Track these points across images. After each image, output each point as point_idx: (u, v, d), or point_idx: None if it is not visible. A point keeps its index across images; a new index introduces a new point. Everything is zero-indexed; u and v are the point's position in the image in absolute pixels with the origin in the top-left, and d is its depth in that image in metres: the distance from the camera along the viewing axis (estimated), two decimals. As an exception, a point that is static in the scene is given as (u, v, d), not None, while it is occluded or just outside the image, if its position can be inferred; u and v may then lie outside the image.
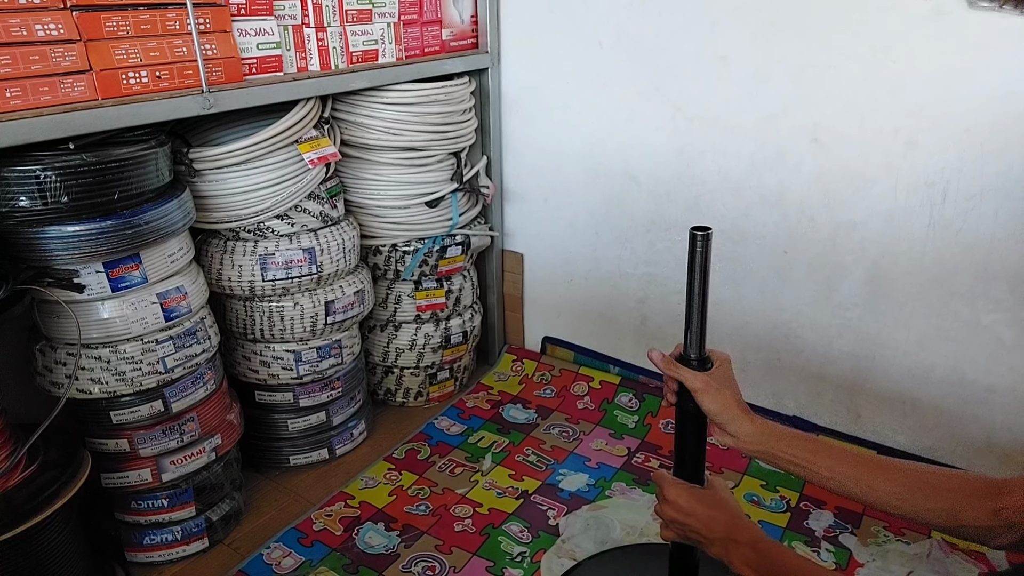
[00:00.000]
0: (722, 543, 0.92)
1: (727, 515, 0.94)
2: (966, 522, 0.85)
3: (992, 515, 0.83)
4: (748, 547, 0.90)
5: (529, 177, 1.98)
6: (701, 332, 0.97)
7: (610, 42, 1.70)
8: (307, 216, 1.54)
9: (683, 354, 0.99)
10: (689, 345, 0.98)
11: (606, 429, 1.83)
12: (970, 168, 1.37)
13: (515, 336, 2.18)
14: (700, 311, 0.95)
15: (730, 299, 1.72)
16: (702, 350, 0.98)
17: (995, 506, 0.83)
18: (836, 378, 1.66)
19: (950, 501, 0.86)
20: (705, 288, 0.94)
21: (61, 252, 1.15)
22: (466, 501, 1.59)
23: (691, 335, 0.97)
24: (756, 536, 0.90)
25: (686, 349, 0.98)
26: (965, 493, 0.86)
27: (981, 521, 0.84)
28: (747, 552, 0.89)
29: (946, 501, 0.86)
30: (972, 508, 0.85)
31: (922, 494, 0.87)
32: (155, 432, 1.34)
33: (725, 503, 0.96)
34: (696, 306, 0.95)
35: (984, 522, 0.84)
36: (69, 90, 1.11)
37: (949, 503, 0.86)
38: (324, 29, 1.48)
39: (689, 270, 0.94)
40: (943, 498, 0.87)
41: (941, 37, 1.32)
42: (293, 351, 1.60)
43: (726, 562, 0.92)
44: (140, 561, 1.43)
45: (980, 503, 0.84)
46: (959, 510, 0.85)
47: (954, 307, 1.47)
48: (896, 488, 0.89)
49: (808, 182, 1.55)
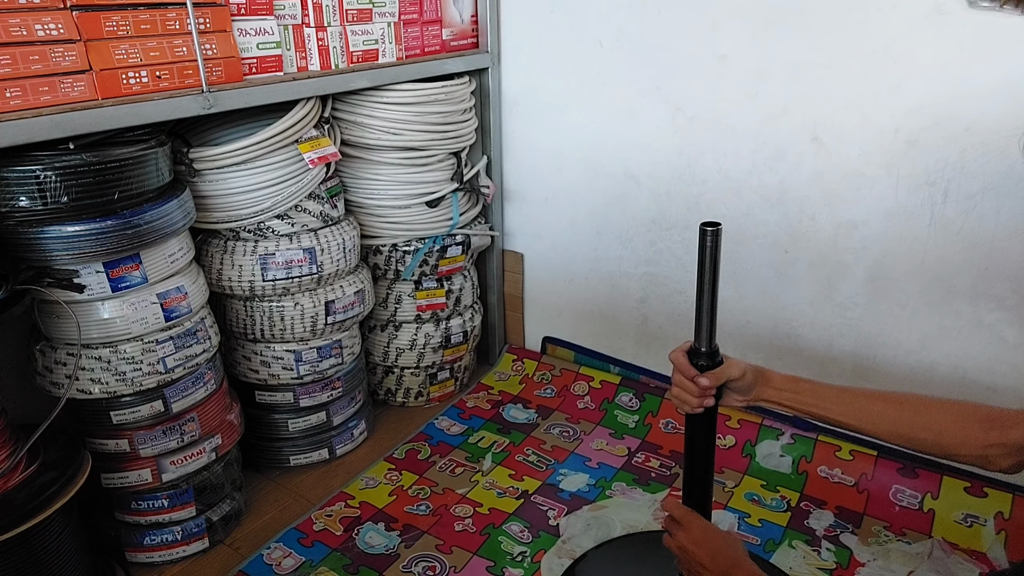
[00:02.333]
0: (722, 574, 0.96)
1: (733, 552, 0.98)
2: (958, 452, 0.90)
3: (985, 448, 0.88)
4: None
5: (529, 177, 1.98)
6: (711, 325, 1.00)
7: (610, 41, 1.70)
8: (307, 216, 1.54)
9: (694, 348, 1.02)
10: (700, 338, 1.01)
11: (606, 429, 1.83)
12: (971, 167, 1.36)
13: (515, 336, 2.18)
14: (710, 305, 0.98)
15: (731, 298, 1.72)
16: (712, 342, 1.01)
17: (989, 440, 0.88)
18: (838, 378, 1.65)
19: (940, 431, 0.91)
20: (715, 283, 0.97)
21: (61, 252, 1.15)
22: (466, 501, 1.59)
23: (702, 329, 1.00)
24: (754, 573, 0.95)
25: (697, 342, 1.01)
26: (957, 425, 0.91)
27: (974, 451, 0.89)
28: None
29: (936, 432, 0.91)
30: (964, 440, 0.90)
31: (912, 425, 0.93)
32: (155, 432, 1.34)
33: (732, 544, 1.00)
34: (706, 300, 0.98)
35: (977, 452, 0.89)
36: (69, 90, 1.11)
37: (939, 434, 0.91)
38: (324, 29, 1.48)
39: (699, 265, 0.97)
40: (933, 429, 0.92)
41: (941, 36, 1.32)
42: (293, 351, 1.60)
43: None
44: (140, 561, 1.43)
45: (973, 435, 0.89)
46: (950, 441, 0.90)
47: (956, 306, 1.46)
48: (886, 420, 0.94)
49: (809, 181, 1.54)
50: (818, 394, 1.00)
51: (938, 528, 1.45)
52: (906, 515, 1.48)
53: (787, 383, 1.03)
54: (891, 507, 1.50)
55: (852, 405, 0.98)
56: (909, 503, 1.50)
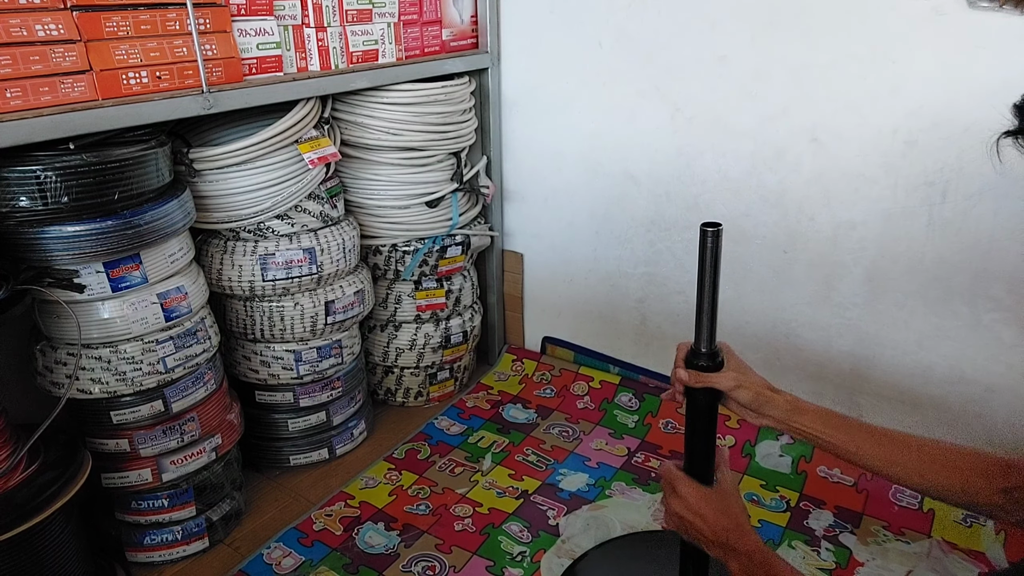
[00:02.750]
0: (722, 547, 0.95)
1: (731, 522, 0.96)
2: (979, 500, 0.89)
3: (1003, 493, 0.87)
4: (745, 556, 0.92)
5: (529, 177, 1.98)
6: (711, 326, 0.99)
7: (610, 42, 1.70)
8: (307, 216, 1.54)
9: (693, 348, 1.01)
10: (700, 339, 1.00)
11: (606, 429, 1.83)
12: (969, 168, 1.37)
13: (515, 336, 2.18)
14: (711, 305, 0.98)
15: (730, 299, 1.72)
16: (712, 343, 1.00)
17: (1006, 484, 0.87)
18: (836, 377, 1.66)
19: (963, 478, 0.90)
20: (716, 283, 0.97)
21: (61, 252, 1.15)
22: (466, 501, 1.59)
23: (702, 329, 0.99)
24: (754, 547, 0.93)
25: (697, 343, 1.01)
26: (977, 471, 0.90)
27: (993, 499, 0.88)
28: (744, 560, 0.92)
29: (959, 478, 0.90)
30: (984, 486, 0.89)
31: (936, 471, 0.92)
32: (155, 432, 1.34)
33: (731, 509, 0.98)
34: (707, 301, 0.98)
35: (996, 500, 0.88)
36: (69, 90, 1.11)
37: (962, 480, 0.90)
38: (324, 29, 1.48)
39: (700, 266, 0.97)
40: (956, 475, 0.91)
41: (941, 37, 1.32)
42: (293, 351, 1.60)
43: (724, 564, 0.95)
44: (140, 561, 1.43)
45: (991, 481, 0.88)
46: (971, 488, 0.89)
47: (954, 306, 1.47)
48: (913, 464, 0.93)
49: (808, 182, 1.55)
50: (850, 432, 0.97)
51: (937, 528, 1.45)
52: (905, 515, 1.49)
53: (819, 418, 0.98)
54: (890, 507, 1.51)
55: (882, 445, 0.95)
56: (908, 503, 1.51)
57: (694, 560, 1.10)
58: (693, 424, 1.04)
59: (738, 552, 0.93)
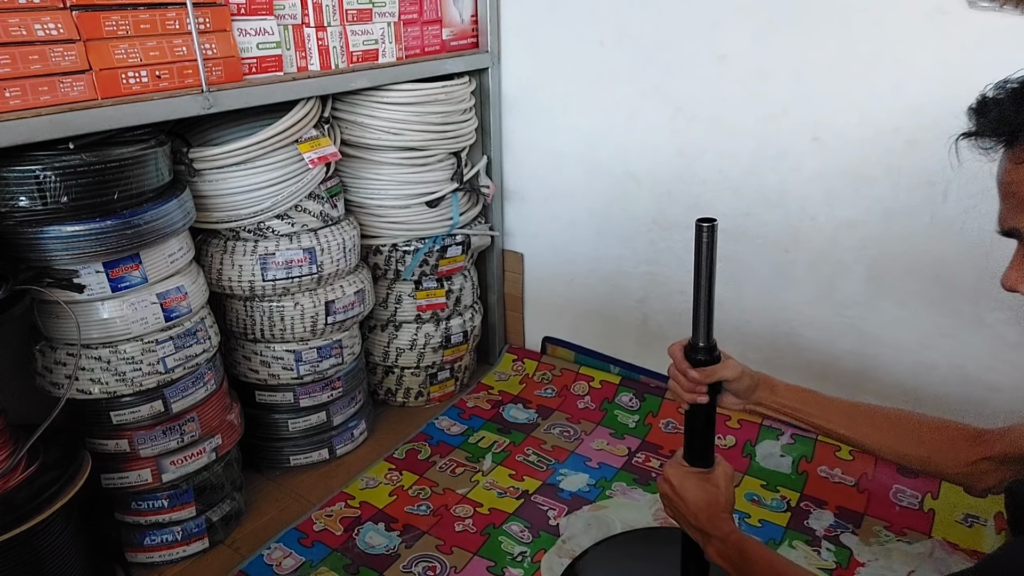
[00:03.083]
0: (699, 532, 0.99)
1: (711, 509, 0.99)
2: (946, 469, 0.95)
3: (971, 465, 0.93)
4: (719, 540, 0.96)
5: (529, 177, 1.98)
6: (708, 321, 1.00)
7: (610, 41, 1.70)
8: (307, 216, 1.54)
9: (691, 343, 1.02)
10: (698, 333, 1.01)
11: (607, 429, 1.83)
12: (971, 167, 1.36)
13: (515, 336, 2.18)
14: (707, 301, 0.99)
15: (731, 298, 1.72)
16: (710, 338, 1.02)
17: (975, 456, 0.92)
18: (838, 377, 1.65)
19: (932, 449, 0.96)
20: (712, 278, 0.98)
21: (61, 252, 1.15)
22: (467, 501, 1.59)
23: (700, 324, 1.01)
24: (727, 531, 0.96)
25: (695, 337, 1.02)
26: (945, 442, 0.96)
27: (961, 468, 0.94)
28: (719, 544, 0.96)
29: (928, 449, 0.97)
30: (953, 457, 0.94)
31: (906, 442, 0.98)
32: (155, 432, 1.34)
33: (714, 496, 1.00)
34: (703, 296, 0.99)
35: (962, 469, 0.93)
36: (69, 90, 1.11)
37: (931, 451, 0.96)
38: (324, 29, 1.48)
39: (696, 261, 0.97)
40: (926, 446, 0.97)
41: (941, 36, 1.32)
42: (293, 351, 1.60)
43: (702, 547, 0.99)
44: (140, 561, 1.43)
45: (958, 452, 0.94)
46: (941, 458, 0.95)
47: (956, 305, 1.46)
48: (884, 435, 1.00)
49: (809, 181, 1.54)
50: (822, 406, 1.04)
51: (938, 528, 1.44)
52: (906, 515, 1.48)
53: (791, 392, 1.05)
54: (891, 507, 1.50)
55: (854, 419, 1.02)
56: (909, 503, 1.50)
57: (695, 558, 1.11)
58: (693, 420, 1.06)
59: (712, 536, 0.96)
